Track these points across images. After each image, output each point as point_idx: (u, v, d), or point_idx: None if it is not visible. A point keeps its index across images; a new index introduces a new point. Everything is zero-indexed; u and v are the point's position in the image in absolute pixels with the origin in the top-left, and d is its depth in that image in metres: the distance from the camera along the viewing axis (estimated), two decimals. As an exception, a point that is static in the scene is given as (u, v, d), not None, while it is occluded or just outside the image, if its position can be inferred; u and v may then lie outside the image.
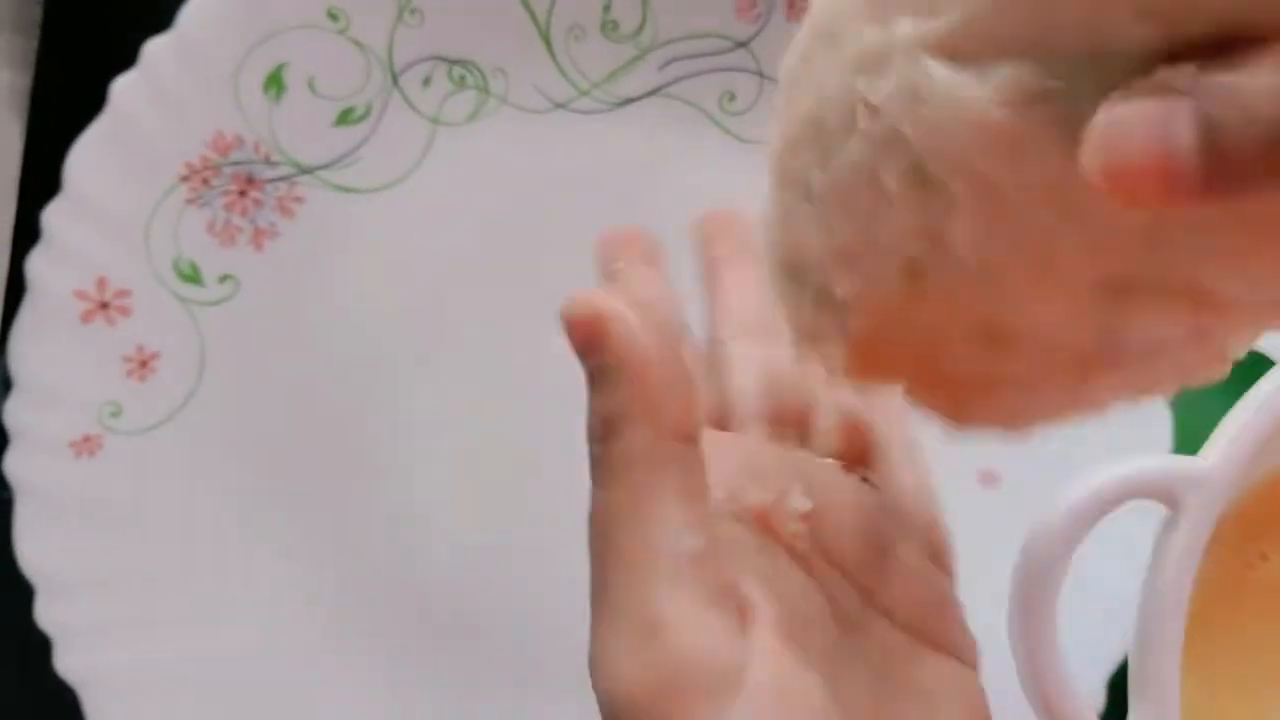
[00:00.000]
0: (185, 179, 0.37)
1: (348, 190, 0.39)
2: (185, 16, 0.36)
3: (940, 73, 0.16)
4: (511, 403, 0.40)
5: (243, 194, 0.38)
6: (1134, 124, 0.14)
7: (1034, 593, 0.28)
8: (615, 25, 0.39)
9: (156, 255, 0.37)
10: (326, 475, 0.39)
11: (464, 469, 0.40)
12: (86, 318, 0.36)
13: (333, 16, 0.37)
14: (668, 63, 0.39)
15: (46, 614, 0.36)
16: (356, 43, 0.38)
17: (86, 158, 0.36)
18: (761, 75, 0.39)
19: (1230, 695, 0.34)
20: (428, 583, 0.39)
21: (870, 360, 0.20)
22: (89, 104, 0.36)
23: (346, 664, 0.39)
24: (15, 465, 0.36)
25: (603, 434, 0.20)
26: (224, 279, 0.38)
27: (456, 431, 0.40)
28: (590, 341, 0.20)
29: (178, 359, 0.38)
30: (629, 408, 0.20)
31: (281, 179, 0.38)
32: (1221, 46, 0.13)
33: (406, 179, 0.39)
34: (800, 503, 0.24)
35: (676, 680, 0.19)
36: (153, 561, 0.38)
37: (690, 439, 0.20)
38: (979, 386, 0.20)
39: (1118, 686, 0.37)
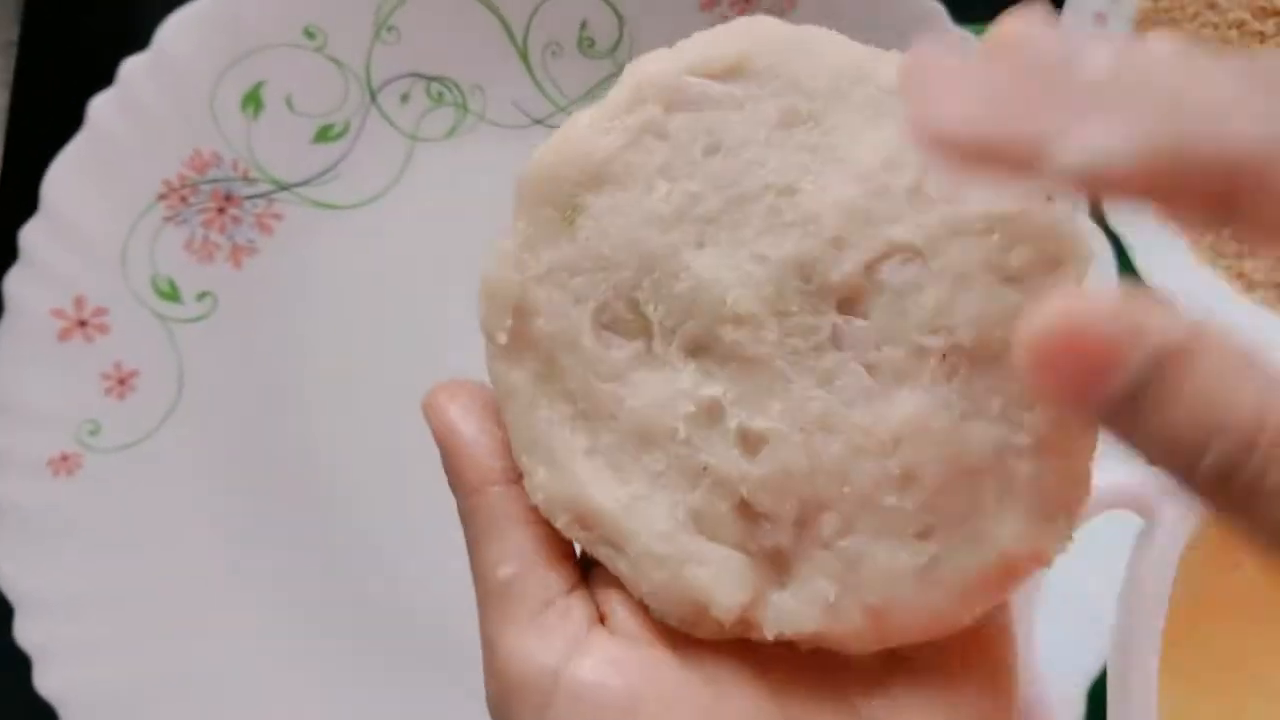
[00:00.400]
0: (163, 197, 0.37)
1: (326, 206, 0.39)
2: (162, 35, 0.36)
3: None
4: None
5: (221, 211, 0.38)
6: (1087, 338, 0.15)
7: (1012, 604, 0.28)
8: (592, 42, 0.39)
9: (134, 273, 0.37)
10: (305, 491, 0.39)
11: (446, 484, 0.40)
12: (64, 336, 0.36)
13: (310, 34, 0.37)
14: (645, 78, 0.39)
15: (25, 633, 0.36)
16: (334, 60, 0.38)
17: (64, 176, 0.36)
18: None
19: (1207, 702, 0.35)
20: (410, 601, 0.39)
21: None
22: (66, 123, 0.36)
23: (323, 680, 0.39)
24: (-7, 484, 0.36)
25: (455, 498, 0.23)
26: (202, 296, 0.38)
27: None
28: (430, 424, 0.23)
29: (156, 376, 0.38)
30: (449, 476, 0.23)
31: (260, 196, 0.38)
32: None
33: (385, 195, 0.39)
34: None
35: (503, 691, 0.21)
36: (131, 579, 0.37)
37: (501, 482, 0.23)
38: None
39: (1097, 696, 0.37)
